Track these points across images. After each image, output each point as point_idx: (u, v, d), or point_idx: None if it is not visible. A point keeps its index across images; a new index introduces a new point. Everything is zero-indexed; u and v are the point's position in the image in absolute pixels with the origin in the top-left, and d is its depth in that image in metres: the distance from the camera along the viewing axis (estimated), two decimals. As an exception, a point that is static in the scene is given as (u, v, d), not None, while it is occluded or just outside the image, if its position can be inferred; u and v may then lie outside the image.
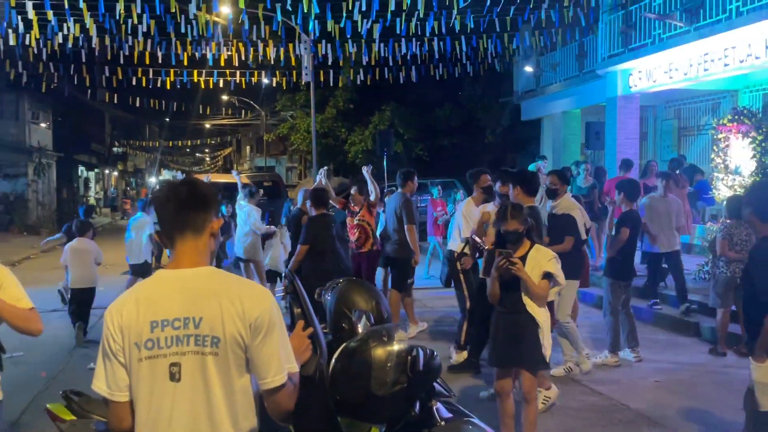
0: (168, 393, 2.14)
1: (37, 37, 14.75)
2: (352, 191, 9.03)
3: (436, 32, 16.06)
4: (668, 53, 13.16)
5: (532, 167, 12.38)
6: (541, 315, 4.61)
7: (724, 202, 10.02)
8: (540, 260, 4.59)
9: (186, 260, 2.23)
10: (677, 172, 10.82)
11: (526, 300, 4.59)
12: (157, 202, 2.25)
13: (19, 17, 13.77)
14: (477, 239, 6.60)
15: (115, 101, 26.70)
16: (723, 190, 10.61)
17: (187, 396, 2.14)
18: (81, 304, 8.75)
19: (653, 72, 13.90)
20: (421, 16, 14.43)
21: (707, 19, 12.15)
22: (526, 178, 6.21)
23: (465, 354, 7.08)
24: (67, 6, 12.84)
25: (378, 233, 9.19)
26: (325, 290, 4.43)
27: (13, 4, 12.52)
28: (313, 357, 2.51)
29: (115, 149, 47.68)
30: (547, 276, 4.55)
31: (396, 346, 2.79)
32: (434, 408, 2.96)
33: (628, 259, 7.28)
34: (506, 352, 4.71)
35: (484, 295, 6.65)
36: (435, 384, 3.00)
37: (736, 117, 10.44)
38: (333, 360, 2.84)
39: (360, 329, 3.28)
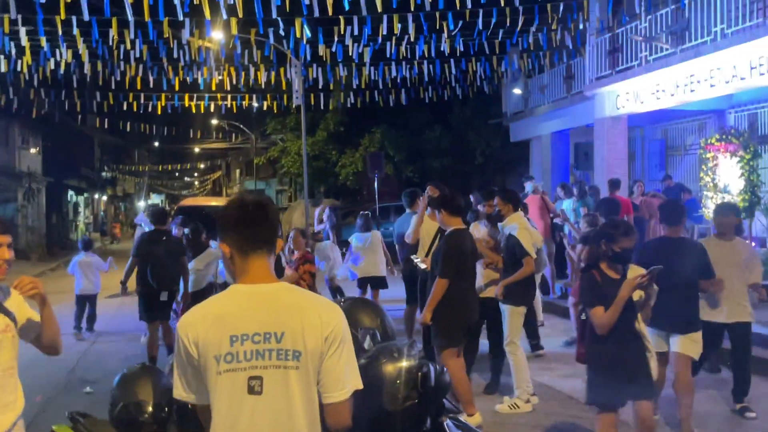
0: (247, 405, 2.18)
1: (29, 63, 14.80)
2: (292, 233, 8.31)
3: (426, 55, 16.25)
4: (655, 75, 13.38)
5: (529, 188, 12.56)
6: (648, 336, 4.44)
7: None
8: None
9: (261, 276, 2.28)
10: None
11: (641, 324, 4.33)
12: (233, 220, 2.30)
13: (12, 43, 13.83)
14: (416, 260, 6.87)
15: (106, 126, 26.70)
16: (712, 208, 10.74)
17: (269, 409, 2.19)
18: (85, 307, 10.73)
19: (640, 93, 14.12)
20: (412, 39, 14.62)
21: (693, 41, 12.39)
22: (447, 200, 6.05)
23: None
24: (60, 32, 12.90)
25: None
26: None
27: (6, 30, 12.59)
28: None
29: (104, 174, 47.57)
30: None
31: (406, 362, 2.84)
32: (445, 424, 3.00)
33: None
34: (633, 385, 4.28)
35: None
36: (444, 400, 3.05)
37: (724, 137, 10.64)
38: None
39: (366, 347, 3.33)
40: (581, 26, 15.34)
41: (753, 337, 7.88)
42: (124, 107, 20.27)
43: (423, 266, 6.75)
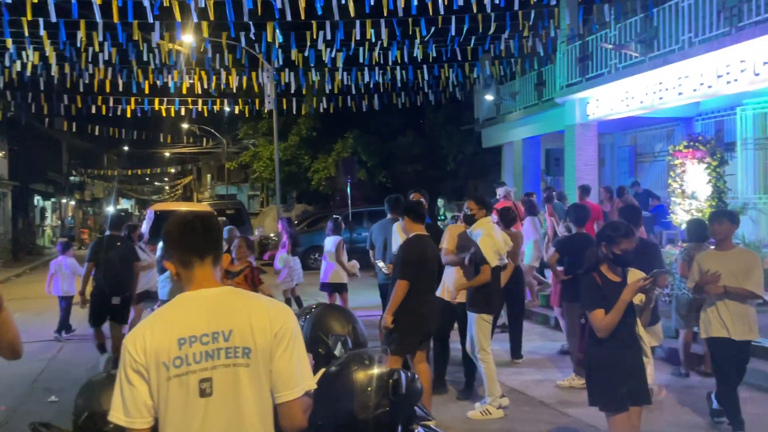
0: (199, 409, 2.15)
1: (-5, 65, 14.55)
2: (236, 242, 7.71)
3: (399, 61, 16.30)
4: (624, 82, 13.55)
5: (502, 192, 12.64)
6: (647, 340, 4.47)
7: (683, 226, 10.31)
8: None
9: (206, 283, 2.28)
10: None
11: (640, 328, 4.33)
12: (174, 234, 2.30)
13: (-23, 45, 13.58)
14: (379, 264, 6.85)
15: (74, 129, 26.30)
16: (681, 214, 10.91)
17: (220, 410, 2.16)
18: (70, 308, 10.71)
19: (610, 100, 14.29)
20: (385, 45, 14.64)
21: (661, 50, 12.57)
22: (411, 207, 6.06)
23: None
24: (27, 34, 12.68)
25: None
26: (297, 317, 4.43)
27: (-29, 31, 12.35)
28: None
29: (72, 178, 46.84)
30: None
31: (377, 370, 2.82)
32: (416, 431, 2.98)
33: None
34: (632, 389, 4.24)
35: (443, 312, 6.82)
36: (416, 407, 3.02)
37: (692, 143, 10.79)
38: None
39: (337, 354, 3.30)
40: (552, 34, 15.50)
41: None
42: (93, 110, 19.98)
43: (386, 271, 6.73)
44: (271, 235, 20.30)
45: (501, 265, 6.49)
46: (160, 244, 9.31)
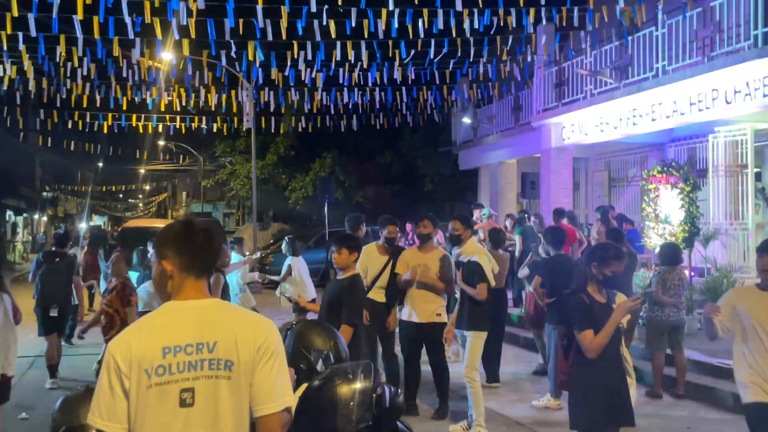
0: (178, 419, 2.15)
1: (-30, 78, 14.40)
2: (113, 256, 7.23)
3: (378, 83, 16.44)
4: (599, 108, 13.79)
5: (485, 213, 12.81)
6: (630, 360, 4.46)
7: (656, 250, 10.47)
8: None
9: (195, 294, 2.29)
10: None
11: (624, 349, 4.36)
12: (180, 242, 2.30)
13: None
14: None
15: (48, 144, 26.01)
16: (654, 238, 11.07)
17: (200, 421, 2.16)
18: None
19: (585, 125, 14.53)
20: (365, 66, 14.77)
21: (635, 77, 12.84)
22: (347, 237, 5.94)
23: None
24: (5, 47, 12.59)
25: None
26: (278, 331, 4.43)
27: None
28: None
29: (45, 194, 46.25)
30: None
31: (360, 384, 2.84)
32: (397, 446, 3.00)
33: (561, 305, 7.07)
34: (616, 410, 4.23)
35: (406, 336, 6.82)
36: (398, 423, 3.05)
37: (665, 169, 10.99)
38: (297, 399, 2.86)
39: (319, 369, 3.31)
40: (529, 59, 15.76)
41: (693, 364, 8.15)
42: (69, 125, 19.82)
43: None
44: (258, 254, 20.24)
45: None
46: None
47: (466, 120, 21.29)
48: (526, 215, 12.92)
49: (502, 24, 12.53)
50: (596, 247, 4.67)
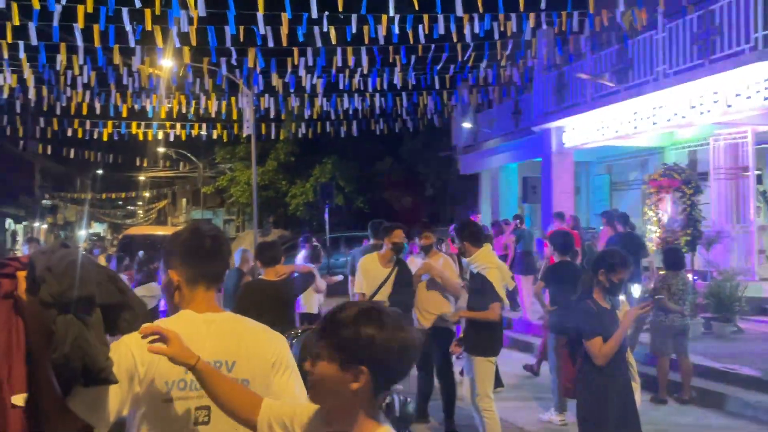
0: None
1: (-30, 86, 14.40)
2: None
3: (378, 88, 16.44)
4: (600, 112, 13.79)
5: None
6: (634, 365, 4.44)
7: (657, 254, 10.46)
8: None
9: (206, 306, 2.24)
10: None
11: (629, 354, 4.35)
12: (188, 252, 2.23)
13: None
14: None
15: (48, 152, 26.00)
16: (656, 241, 11.05)
17: None
18: None
19: (586, 129, 14.52)
20: (365, 72, 14.77)
21: (636, 80, 12.84)
22: (262, 250, 5.85)
23: None
24: (6, 56, 12.59)
25: None
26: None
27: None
28: None
29: (45, 201, 46.22)
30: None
31: (370, 395, 2.81)
32: (408, 456, 2.96)
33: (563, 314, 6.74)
34: (624, 417, 4.23)
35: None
36: (407, 431, 3.02)
37: (667, 172, 10.97)
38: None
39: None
40: (529, 63, 15.77)
41: (698, 369, 8.12)
42: (69, 133, 19.80)
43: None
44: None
45: None
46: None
47: (467, 124, 21.30)
48: (518, 221, 13.09)
49: (502, 29, 12.53)
50: (606, 254, 4.58)
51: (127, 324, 2.05)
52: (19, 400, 1.90)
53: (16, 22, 10.65)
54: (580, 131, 14.71)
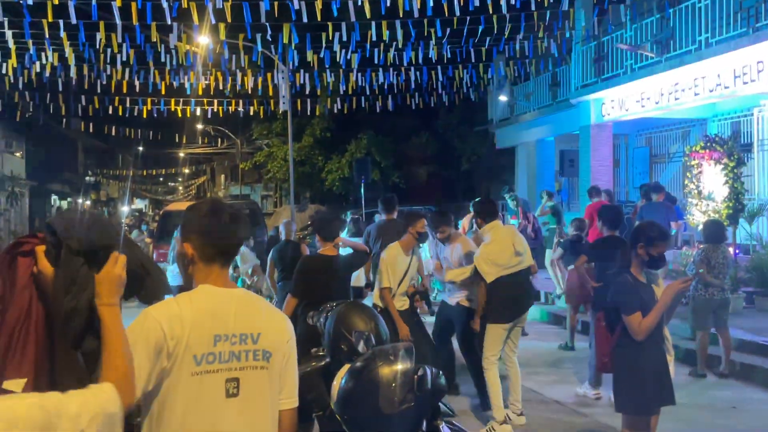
0: (224, 409, 2.12)
1: (15, 65, 14.70)
2: None
3: (413, 62, 16.32)
4: (640, 83, 13.51)
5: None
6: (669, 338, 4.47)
7: (699, 227, 10.28)
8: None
9: (225, 282, 2.25)
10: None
11: (665, 329, 4.35)
12: (205, 228, 2.21)
13: (-3, 46, 13.76)
14: None
15: (90, 130, 26.51)
16: (697, 215, 10.87)
17: (249, 411, 2.15)
18: None
19: (625, 101, 14.25)
20: (400, 46, 14.67)
21: (677, 50, 12.53)
22: (322, 225, 5.94)
23: None
24: (47, 35, 12.83)
25: None
26: (318, 314, 4.49)
27: (-8, 33, 12.52)
28: None
29: (88, 178, 47.25)
30: None
31: (402, 365, 2.86)
32: (440, 427, 3.02)
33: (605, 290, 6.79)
34: (661, 391, 4.24)
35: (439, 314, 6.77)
36: (441, 403, 3.07)
37: (709, 144, 10.74)
38: (341, 380, 2.90)
39: (360, 350, 3.35)
40: (567, 34, 15.48)
41: (738, 343, 8.02)
42: (110, 111, 20.13)
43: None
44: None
45: (521, 268, 6.09)
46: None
47: (503, 98, 21.05)
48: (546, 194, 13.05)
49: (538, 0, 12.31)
50: (644, 227, 4.45)
51: (148, 292, 2.11)
52: (12, 385, 1.84)
53: (56, 1, 10.83)
54: (619, 103, 14.44)
